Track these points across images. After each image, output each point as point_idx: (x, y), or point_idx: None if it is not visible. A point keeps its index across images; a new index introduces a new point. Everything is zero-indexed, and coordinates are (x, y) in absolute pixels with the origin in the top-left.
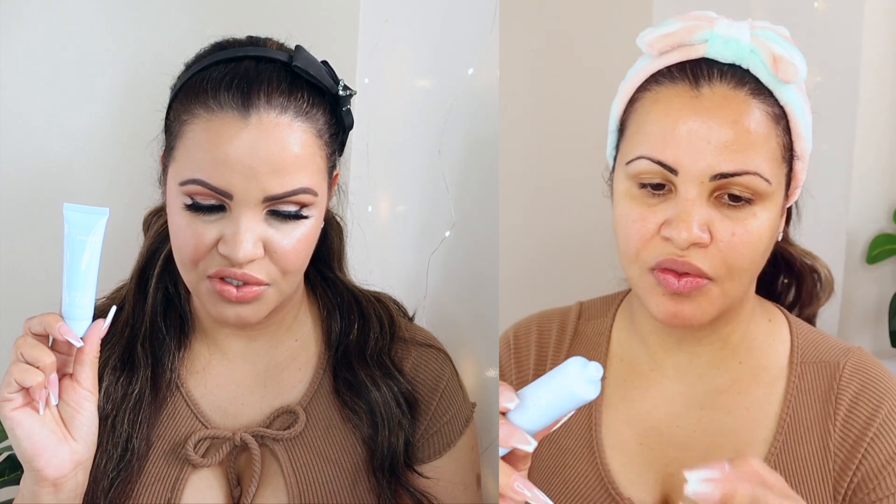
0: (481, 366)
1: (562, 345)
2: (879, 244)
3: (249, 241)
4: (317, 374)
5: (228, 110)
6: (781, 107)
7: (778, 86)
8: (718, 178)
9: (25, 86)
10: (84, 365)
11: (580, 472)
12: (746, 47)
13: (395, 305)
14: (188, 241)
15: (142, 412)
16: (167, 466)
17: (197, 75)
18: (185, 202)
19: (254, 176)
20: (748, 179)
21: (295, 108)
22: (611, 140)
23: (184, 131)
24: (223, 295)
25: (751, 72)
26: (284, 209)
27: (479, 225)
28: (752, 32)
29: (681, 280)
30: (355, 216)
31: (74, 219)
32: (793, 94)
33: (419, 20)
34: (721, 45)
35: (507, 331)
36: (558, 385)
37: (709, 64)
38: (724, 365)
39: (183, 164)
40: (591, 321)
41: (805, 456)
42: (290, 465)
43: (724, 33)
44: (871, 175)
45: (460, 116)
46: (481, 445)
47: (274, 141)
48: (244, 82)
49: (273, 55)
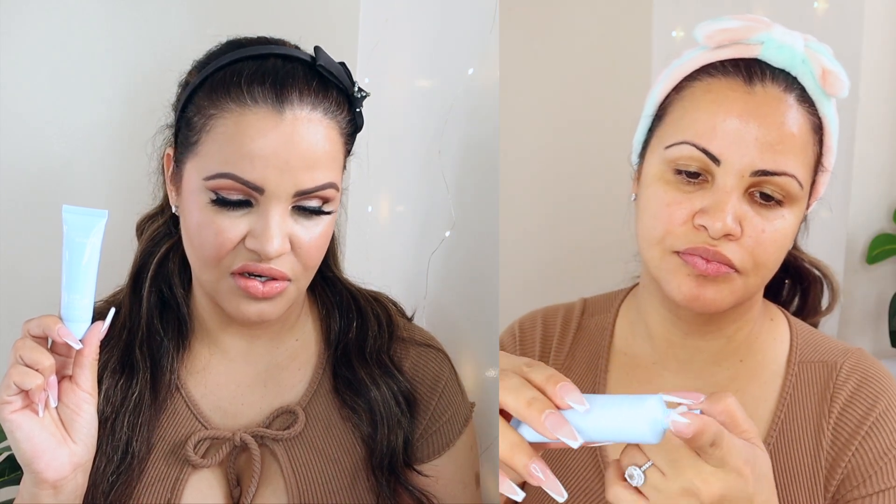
0: (481, 366)
1: (565, 338)
2: (879, 244)
3: (279, 237)
4: (316, 374)
5: (262, 105)
6: (820, 118)
7: (822, 98)
8: (759, 174)
9: (25, 86)
10: (83, 367)
11: (580, 462)
12: (799, 56)
13: (394, 305)
14: (212, 238)
15: (141, 415)
16: (167, 467)
17: (221, 70)
18: (210, 198)
19: (288, 170)
20: (785, 181)
21: (324, 107)
22: (644, 124)
23: (211, 125)
24: (248, 291)
25: (798, 80)
26: (309, 205)
27: (479, 225)
28: (806, 44)
29: (709, 263)
30: (355, 216)
31: (73, 221)
32: (832, 109)
33: (419, 20)
34: (775, 50)
35: (513, 323)
36: (629, 413)
37: (761, 65)
38: (725, 362)
39: (210, 159)
40: (594, 316)
41: (798, 452)
42: (290, 465)
43: (780, 38)
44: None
45: (460, 116)
46: (481, 445)
47: (307, 136)
48: (277, 79)
49: (297, 54)
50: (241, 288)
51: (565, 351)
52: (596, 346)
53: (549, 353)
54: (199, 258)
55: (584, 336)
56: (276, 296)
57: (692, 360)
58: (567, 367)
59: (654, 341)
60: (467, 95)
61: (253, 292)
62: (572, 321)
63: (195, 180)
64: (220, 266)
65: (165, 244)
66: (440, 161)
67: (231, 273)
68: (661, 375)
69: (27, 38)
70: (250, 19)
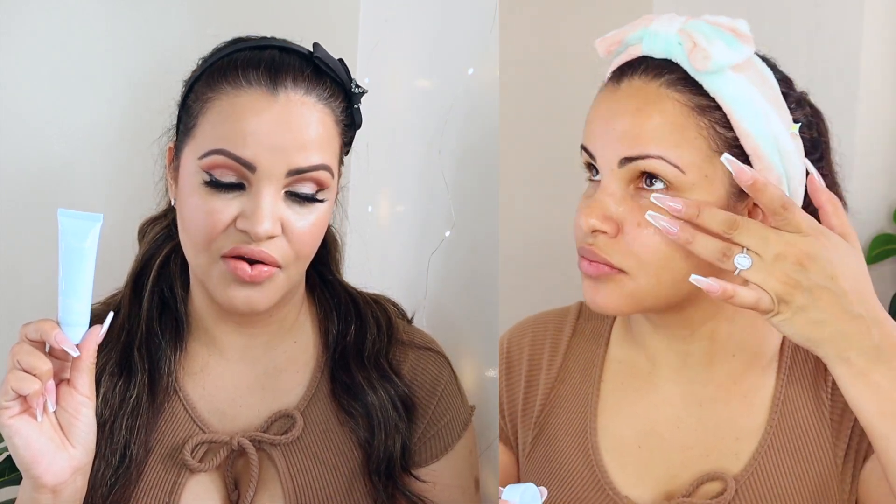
0: (481, 366)
1: (557, 351)
2: (879, 244)
3: (270, 218)
4: (314, 377)
5: (257, 86)
6: (712, 97)
7: (702, 76)
8: (625, 162)
9: (25, 86)
10: (81, 371)
11: (576, 474)
12: (674, 39)
13: (394, 307)
14: (203, 220)
15: (139, 418)
16: (165, 471)
17: (222, 59)
18: (203, 179)
19: (280, 149)
20: (650, 163)
21: (318, 93)
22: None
23: (207, 108)
24: (236, 273)
25: (681, 66)
26: (303, 190)
27: (479, 225)
28: (683, 25)
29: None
30: (355, 216)
31: (69, 224)
32: (725, 84)
33: (419, 20)
34: (652, 41)
35: (503, 337)
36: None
37: (636, 63)
38: (717, 361)
39: (205, 138)
40: (591, 321)
41: (802, 428)
42: (288, 470)
43: (656, 29)
44: (871, 175)
45: (460, 116)
46: (480, 447)
47: (300, 117)
48: (272, 65)
49: (295, 47)
50: (230, 271)
51: (558, 364)
52: (591, 353)
53: (539, 371)
54: (191, 242)
55: (578, 342)
56: (264, 280)
57: (684, 364)
58: (561, 380)
59: (647, 349)
60: (467, 95)
61: (240, 274)
62: (565, 327)
63: (191, 162)
64: (210, 249)
65: (167, 247)
66: (440, 161)
67: (222, 256)
68: (656, 385)
69: (27, 38)
70: (250, 19)
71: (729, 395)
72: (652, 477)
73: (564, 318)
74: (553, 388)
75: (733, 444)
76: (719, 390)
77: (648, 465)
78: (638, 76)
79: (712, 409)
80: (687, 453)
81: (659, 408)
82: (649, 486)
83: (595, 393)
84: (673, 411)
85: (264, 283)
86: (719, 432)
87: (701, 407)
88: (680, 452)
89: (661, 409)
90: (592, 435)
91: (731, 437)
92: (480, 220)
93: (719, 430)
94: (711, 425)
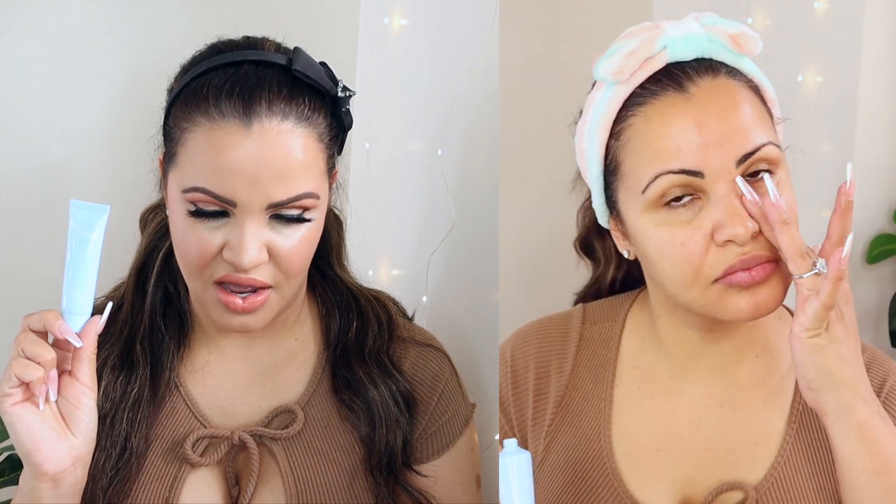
0: (481, 366)
1: (565, 357)
2: (879, 244)
3: (254, 248)
4: (315, 373)
5: (230, 119)
6: (756, 83)
7: (740, 60)
8: (744, 159)
9: (25, 86)
10: (82, 361)
11: (591, 482)
12: (704, 37)
13: (394, 304)
14: (193, 248)
15: (140, 411)
16: (165, 465)
17: (195, 81)
18: (188, 209)
19: (257, 184)
20: (767, 151)
21: (296, 114)
22: (598, 186)
23: (185, 139)
24: (229, 307)
25: (715, 59)
26: (287, 213)
27: (479, 225)
28: (700, 22)
29: (752, 270)
30: (355, 216)
31: (79, 215)
32: (751, 64)
33: (419, 20)
34: (682, 45)
35: (504, 346)
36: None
37: (681, 67)
38: (745, 359)
39: (185, 172)
40: (597, 324)
41: (822, 439)
42: (288, 465)
43: (677, 32)
44: (871, 175)
45: (460, 116)
46: (481, 445)
47: (277, 148)
48: (245, 89)
49: (272, 59)
50: (223, 303)
51: (567, 371)
52: (601, 357)
53: (547, 380)
54: (185, 267)
55: (586, 347)
56: (257, 308)
57: (717, 363)
58: (572, 387)
59: (672, 351)
60: (467, 95)
61: (233, 308)
62: (571, 333)
63: (175, 191)
64: (202, 275)
65: (169, 239)
66: (440, 161)
67: (214, 282)
68: (679, 387)
69: (27, 38)
70: (250, 20)
71: (750, 399)
72: (669, 480)
73: (569, 323)
74: (564, 396)
75: (752, 448)
76: (741, 392)
77: (665, 467)
78: (700, 78)
79: (732, 411)
80: (705, 455)
81: (679, 409)
82: (666, 490)
83: (608, 399)
84: (694, 412)
85: (258, 309)
86: (738, 435)
87: (722, 408)
88: (698, 454)
89: (681, 410)
90: (607, 441)
91: (749, 440)
92: (480, 220)
93: (739, 432)
94: (731, 427)
